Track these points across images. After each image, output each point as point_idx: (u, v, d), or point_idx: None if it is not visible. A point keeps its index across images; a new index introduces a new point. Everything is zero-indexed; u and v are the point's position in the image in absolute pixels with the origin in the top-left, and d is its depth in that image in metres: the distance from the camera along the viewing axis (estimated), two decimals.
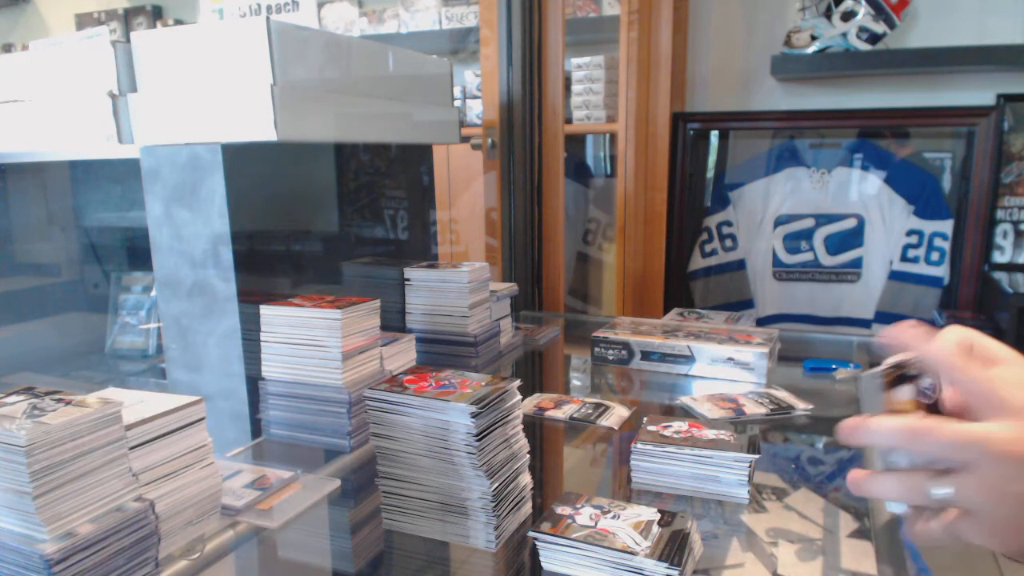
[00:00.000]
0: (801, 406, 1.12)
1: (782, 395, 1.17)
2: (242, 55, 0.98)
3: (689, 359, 1.30)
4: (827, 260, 2.31)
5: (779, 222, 2.34)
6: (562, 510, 0.73)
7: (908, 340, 0.55)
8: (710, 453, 0.85)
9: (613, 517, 0.72)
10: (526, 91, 1.87)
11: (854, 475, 0.55)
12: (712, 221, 2.42)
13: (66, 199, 1.51)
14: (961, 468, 0.50)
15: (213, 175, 1.01)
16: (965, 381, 0.52)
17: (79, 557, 0.60)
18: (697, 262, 2.44)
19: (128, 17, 3.33)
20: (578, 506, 0.74)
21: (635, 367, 1.35)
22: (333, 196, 1.28)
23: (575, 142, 2.59)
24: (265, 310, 1.01)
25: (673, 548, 0.66)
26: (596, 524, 0.71)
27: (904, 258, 2.20)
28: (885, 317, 2.23)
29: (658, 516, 0.72)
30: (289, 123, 0.98)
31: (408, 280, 1.34)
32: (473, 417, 0.74)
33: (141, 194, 1.07)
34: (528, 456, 0.84)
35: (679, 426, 0.92)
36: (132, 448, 0.67)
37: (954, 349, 0.52)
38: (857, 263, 2.28)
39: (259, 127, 0.96)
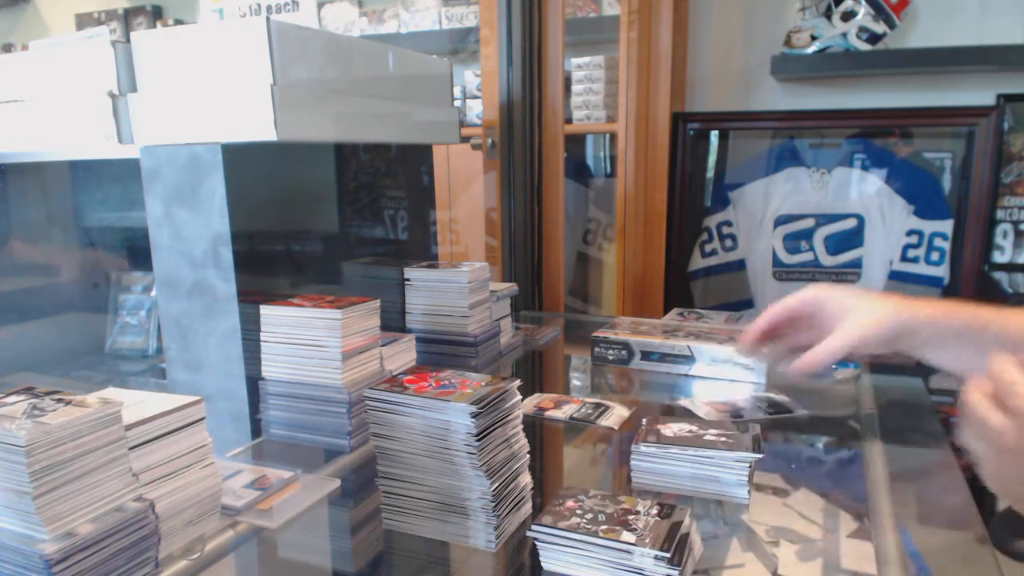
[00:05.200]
0: (800, 410, 1.12)
1: (782, 399, 1.17)
2: (242, 55, 0.98)
3: (689, 359, 1.30)
4: (827, 260, 2.31)
5: (779, 222, 2.34)
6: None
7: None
8: (710, 453, 0.85)
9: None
10: (526, 91, 1.87)
11: None
12: (712, 221, 2.42)
13: (66, 199, 1.51)
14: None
15: (213, 175, 1.01)
16: None
17: (79, 557, 0.60)
18: (697, 262, 2.44)
19: (128, 17, 3.33)
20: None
21: (635, 367, 1.35)
22: (333, 196, 1.28)
23: (575, 142, 2.59)
24: (265, 310, 1.01)
25: (673, 543, 0.66)
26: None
27: (904, 258, 2.20)
28: None
29: (657, 508, 0.72)
30: (289, 123, 0.98)
31: (408, 280, 1.34)
32: (473, 417, 0.74)
33: (141, 194, 1.07)
34: (528, 456, 0.84)
35: (679, 426, 0.92)
36: (132, 448, 0.67)
37: None
38: (857, 263, 2.28)
39: (259, 127, 0.96)
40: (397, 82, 1.27)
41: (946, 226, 2.15)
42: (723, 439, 0.88)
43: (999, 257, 2.12)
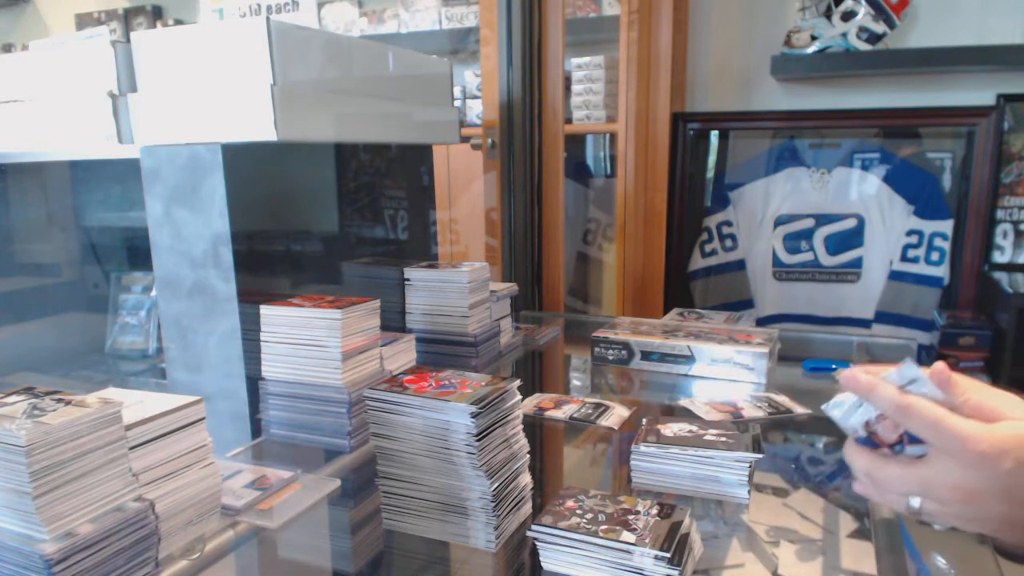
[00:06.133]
0: (800, 411, 1.12)
1: (781, 400, 1.17)
2: (242, 55, 0.98)
3: (689, 359, 1.30)
4: (827, 260, 2.31)
5: (779, 222, 2.34)
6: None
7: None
8: (710, 453, 0.85)
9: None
10: (526, 91, 1.87)
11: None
12: (712, 221, 2.42)
13: (66, 199, 1.51)
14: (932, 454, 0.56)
15: (213, 175, 1.01)
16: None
17: (79, 557, 0.60)
18: (697, 262, 2.44)
19: (128, 17, 3.33)
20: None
21: (635, 367, 1.35)
22: (333, 196, 1.28)
23: (575, 142, 2.59)
24: (265, 310, 1.01)
25: (673, 543, 0.66)
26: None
27: (904, 258, 2.20)
28: (885, 317, 2.23)
29: (657, 508, 0.72)
30: (289, 123, 0.98)
31: (408, 280, 1.34)
32: (473, 417, 0.74)
33: (141, 194, 1.07)
34: (528, 456, 0.84)
35: (679, 426, 0.92)
36: (132, 448, 0.67)
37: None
38: (857, 263, 2.28)
39: (259, 127, 0.96)
40: (397, 82, 1.27)
41: (946, 226, 2.15)
42: (723, 439, 0.88)
43: (999, 257, 2.12)
